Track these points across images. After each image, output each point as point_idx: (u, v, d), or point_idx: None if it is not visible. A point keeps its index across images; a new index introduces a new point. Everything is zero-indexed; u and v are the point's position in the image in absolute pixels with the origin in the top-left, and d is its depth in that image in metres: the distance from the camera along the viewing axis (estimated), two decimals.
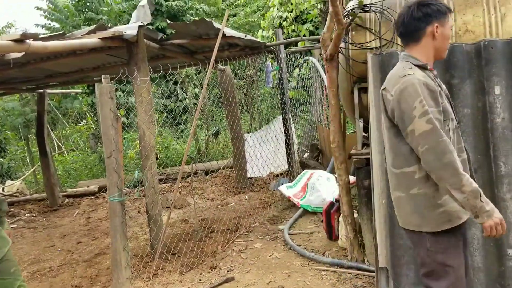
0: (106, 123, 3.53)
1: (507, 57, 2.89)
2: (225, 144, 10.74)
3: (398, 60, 3.03)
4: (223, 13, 10.67)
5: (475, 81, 2.93)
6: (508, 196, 2.75)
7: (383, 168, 2.98)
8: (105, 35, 4.12)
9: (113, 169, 3.52)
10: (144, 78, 4.32)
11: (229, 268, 4.14)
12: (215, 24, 4.64)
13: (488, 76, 2.89)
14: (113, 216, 3.56)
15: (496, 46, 2.89)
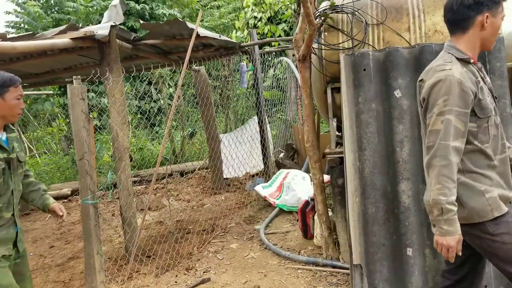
0: (78, 125, 3.47)
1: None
2: (200, 145, 10.69)
3: (369, 61, 3.11)
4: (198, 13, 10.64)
5: None
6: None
7: (356, 167, 3.03)
8: (76, 35, 4.06)
9: (85, 172, 3.46)
10: (117, 78, 4.27)
11: (205, 269, 4.13)
12: (189, 24, 4.62)
13: None
14: (86, 219, 3.50)
15: None
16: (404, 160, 2.93)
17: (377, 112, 3.05)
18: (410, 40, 3.48)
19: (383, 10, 3.60)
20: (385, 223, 2.95)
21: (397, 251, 2.91)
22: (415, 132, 2.98)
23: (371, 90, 3.07)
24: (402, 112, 2.99)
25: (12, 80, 2.43)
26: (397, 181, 2.94)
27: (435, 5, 3.53)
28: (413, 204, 2.91)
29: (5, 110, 2.45)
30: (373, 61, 3.10)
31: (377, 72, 3.10)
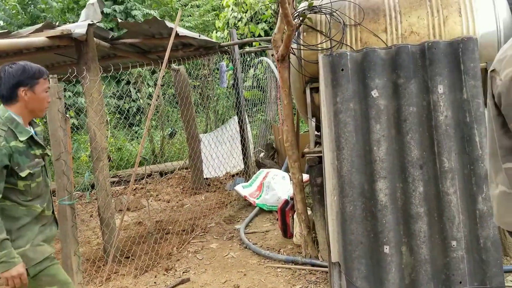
0: (54, 125, 3.42)
1: (449, 57, 3.03)
2: (180, 145, 10.63)
3: (347, 61, 3.14)
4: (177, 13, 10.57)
5: (420, 81, 3.05)
6: (452, 190, 2.88)
7: (335, 166, 3.06)
8: (53, 34, 3.99)
9: (62, 172, 3.41)
10: (94, 77, 4.22)
11: (184, 269, 4.11)
12: (168, 23, 4.60)
13: (432, 76, 3.01)
14: (63, 220, 3.45)
15: (439, 47, 3.03)
16: (381, 159, 2.98)
17: (354, 111, 3.09)
18: (387, 41, 3.53)
19: (360, 11, 3.65)
20: (363, 221, 2.99)
21: (375, 248, 2.95)
22: (391, 131, 3.03)
23: (349, 90, 3.10)
24: (379, 112, 3.03)
25: (40, 71, 2.29)
26: (374, 179, 2.98)
27: (411, 6, 3.59)
28: (390, 203, 2.95)
29: (35, 103, 2.29)
30: (351, 62, 3.14)
31: (355, 72, 3.14)
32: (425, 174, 2.94)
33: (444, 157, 2.92)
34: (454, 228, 2.85)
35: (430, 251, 2.88)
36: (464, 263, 2.81)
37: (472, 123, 2.92)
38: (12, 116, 2.22)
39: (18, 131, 2.22)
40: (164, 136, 10.38)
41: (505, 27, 3.41)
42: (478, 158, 2.89)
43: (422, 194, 2.92)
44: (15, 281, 2.10)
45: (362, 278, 2.93)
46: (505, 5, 3.49)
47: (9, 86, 2.22)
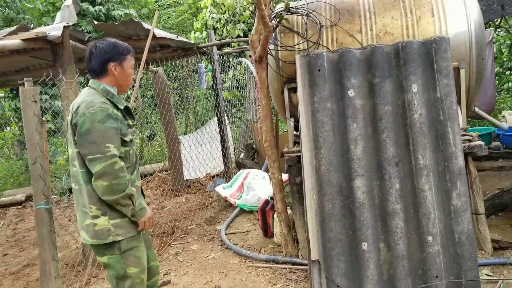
0: (30, 128, 3.38)
1: (423, 57, 3.08)
2: (160, 147, 10.57)
3: (324, 61, 3.18)
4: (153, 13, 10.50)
5: (394, 80, 3.09)
6: (427, 187, 2.92)
7: (313, 165, 3.09)
8: (27, 36, 3.93)
9: (38, 176, 3.37)
10: (71, 80, 4.17)
11: (165, 271, 4.10)
12: (145, 24, 4.58)
13: (406, 75, 3.05)
14: (40, 224, 3.42)
15: (412, 47, 3.08)
16: (358, 158, 3.01)
17: (332, 111, 3.12)
18: (362, 41, 3.59)
19: (336, 12, 3.70)
20: (341, 219, 3.02)
21: (353, 246, 2.98)
22: (368, 130, 3.07)
23: (326, 90, 3.13)
24: (356, 111, 3.07)
25: (128, 48, 2.45)
26: (351, 177, 3.01)
27: (385, 7, 3.66)
28: (367, 200, 2.98)
29: (123, 78, 2.42)
30: (328, 62, 3.17)
31: (331, 72, 3.17)
32: (401, 171, 2.99)
33: (419, 154, 2.96)
34: (430, 223, 2.89)
35: (407, 247, 2.92)
36: (440, 258, 2.86)
37: (445, 121, 2.96)
38: (107, 88, 2.37)
39: (116, 100, 2.36)
40: (143, 138, 10.31)
41: (476, 27, 3.50)
42: (451, 155, 2.93)
43: (398, 191, 2.96)
44: (150, 222, 2.41)
45: (342, 275, 2.97)
46: (475, 6, 3.58)
47: (100, 61, 2.36)
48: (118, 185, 2.21)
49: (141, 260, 2.42)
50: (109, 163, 2.19)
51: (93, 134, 2.19)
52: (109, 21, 11.25)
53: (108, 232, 2.28)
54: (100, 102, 2.26)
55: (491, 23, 6.91)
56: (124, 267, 2.34)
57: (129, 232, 2.35)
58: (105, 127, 2.20)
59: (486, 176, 5.87)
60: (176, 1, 15.06)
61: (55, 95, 9.95)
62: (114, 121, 2.25)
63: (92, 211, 2.28)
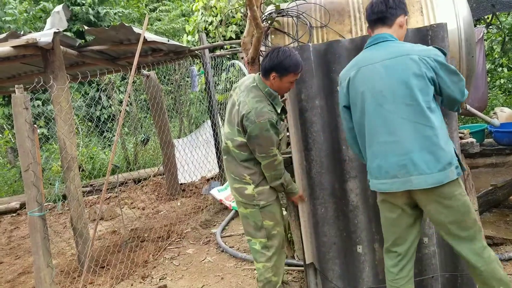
0: (22, 135, 3.35)
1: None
2: (154, 151, 10.53)
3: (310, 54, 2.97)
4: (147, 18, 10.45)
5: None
6: None
7: (303, 166, 3.02)
8: (18, 43, 3.91)
9: (31, 183, 3.35)
10: (62, 86, 4.15)
11: (161, 276, 4.08)
12: (136, 29, 4.57)
13: None
14: (34, 232, 3.39)
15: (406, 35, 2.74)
16: (351, 158, 2.92)
17: (321, 108, 2.98)
18: None
19: (326, 13, 3.70)
20: (335, 221, 2.98)
21: (348, 248, 2.96)
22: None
23: (314, 86, 2.97)
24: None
25: (295, 66, 2.72)
26: (344, 179, 2.94)
27: None
28: (362, 202, 2.93)
29: (276, 87, 2.81)
30: (314, 55, 2.97)
31: (319, 66, 2.97)
32: None
33: None
34: (425, 225, 2.82)
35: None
36: (436, 258, 2.84)
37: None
38: (271, 91, 2.82)
39: (275, 103, 2.83)
40: (137, 143, 10.28)
41: (465, 24, 3.52)
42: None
43: None
44: (302, 198, 3.00)
45: (337, 278, 2.97)
46: (464, 4, 3.60)
47: (270, 65, 2.75)
48: (277, 174, 2.86)
49: (276, 215, 2.95)
50: (270, 160, 2.80)
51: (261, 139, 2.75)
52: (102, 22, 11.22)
53: (253, 197, 2.89)
54: (267, 111, 2.73)
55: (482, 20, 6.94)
56: (261, 220, 2.92)
57: (270, 197, 2.93)
58: (270, 134, 2.73)
59: (480, 173, 5.90)
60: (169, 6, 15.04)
61: (48, 100, 9.90)
62: (275, 128, 2.76)
63: (244, 179, 2.90)
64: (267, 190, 2.92)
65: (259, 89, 2.82)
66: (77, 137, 9.10)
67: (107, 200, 7.64)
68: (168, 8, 14.93)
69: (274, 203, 2.96)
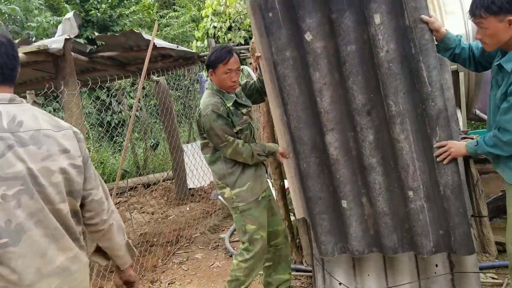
0: None
1: None
2: (163, 156, 10.59)
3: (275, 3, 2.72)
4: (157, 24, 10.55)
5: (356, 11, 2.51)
6: (402, 136, 2.53)
7: (284, 121, 2.85)
8: (29, 50, 3.98)
9: None
10: (73, 92, 4.21)
11: (170, 281, 4.10)
12: (145, 35, 4.62)
13: (367, 3, 2.46)
14: None
15: None
16: (326, 110, 2.66)
17: (293, 60, 2.70)
18: None
19: None
20: (320, 176, 2.81)
21: (335, 203, 2.82)
22: (334, 76, 2.64)
23: (283, 37, 2.68)
24: (317, 57, 2.62)
25: (219, 58, 2.88)
26: (323, 133, 2.72)
27: None
28: (342, 155, 2.71)
29: (217, 82, 2.96)
30: (280, 2, 2.66)
31: (286, 13, 2.67)
32: (375, 120, 2.60)
33: (390, 99, 2.51)
34: (409, 177, 2.56)
35: (388, 202, 2.67)
36: (425, 213, 2.57)
37: (417, 55, 2.41)
38: (218, 88, 2.96)
39: (225, 98, 2.94)
40: (147, 147, 10.33)
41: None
42: (427, 96, 2.43)
43: (373, 143, 2.61)
44: (284, 154, 2.94)
45: (326, 233, 2.84)
46: None
47: (206, 65, 3.02)
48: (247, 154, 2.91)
49: (259, 219, 3.01)
50: (233, 147, 2.87)
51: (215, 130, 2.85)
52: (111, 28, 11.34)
53: (232, 200, 3.00)
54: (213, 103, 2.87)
55: None
56: (244, 224, 3.01)
57: (248, 198, 2.99)
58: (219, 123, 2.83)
59: (490, 179, 5.83)
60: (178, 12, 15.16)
61: (58, 107, 10.03)
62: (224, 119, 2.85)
63: (219, 184, 3.05)
64: (244, 191, 2.99)
65: (210, 89, 3.00)
66: (88, 142, 9.18)
67: (117, 205, 7.68)
68: (177, 15, 15.05)
69: (255, 206, 3.02)
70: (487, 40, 2.23)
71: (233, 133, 2.91)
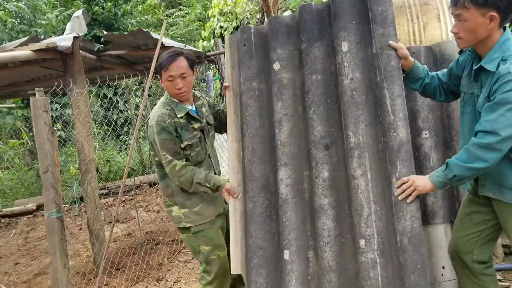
0: (41, 137, 3.42)
1: (358, 6, 2.35)
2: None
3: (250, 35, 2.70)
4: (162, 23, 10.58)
5: (327, 42, 2.43)
6: (359, 172, 2.23)
7: (240, 157, 2.59)
8: (38, 47, 4.00)
9: (50, 185, 3.40)
10: (81, 90, 4.23)
11: (175, 279, 4.11)
12: (153, 34, 4.63)
13: (336, 33, 2.37)
14: (51, 233, 3.44)
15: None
16: (283, 143, 2.43)
17: (259, 91, 2.58)
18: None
19: None
20: (266, 221, 2.44)
21: (278, 254, 2.39)
22: (298, 108, 2.48)
23: (252, 67, 2.60)
24: (282, 87, 2.49)
25: (161, 65, 2.65)
26: (276, 168, 2.45)
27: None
28: (292, 195, 2.37)
29: (166, 88, 2.72)
30: (256, 36, 2.63)
31: (260, 46, 2.62)
32: (332, 156, 2.34)
33: (349, 130, 2.28)
34: (362, 222, 2.18)
35: (336, 255, 2.24)
36: (377, 270, 2.12)
37: (382, 82, 2.23)
38: (170, 97, 2.74)
39: (177, 109, 2.71)
40: None
41: None
42: (389, 126, 2.19)
43: (327, 180, 2.30)
44: (231, 192, 2.54)
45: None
46: None
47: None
48: (185, 180, 2.64)
49: (214, 240, 2.79)
50: (169, 168, 2.64)
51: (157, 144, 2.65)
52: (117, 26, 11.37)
53: (180, 219, 2.78)
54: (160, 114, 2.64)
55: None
56: (198, 244, 2.79)
57: (198, 220, 2.76)
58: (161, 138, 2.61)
59: None
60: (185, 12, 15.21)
61: (66, 104, 10.07)
62: (168, 133, 2.61)
63: (167, 202, 2.84)
64: (194, 213, 2.76)
65: (164, 97, 2.79)
66: (94, 140, 9.22)
67: (123, 203, 7.72)
68: (183, 14, 15.09)
69: (208, 228, 2.79)
70: (464, 34, 2.05)
71: (177, 150, 2.66)
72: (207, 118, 2.89)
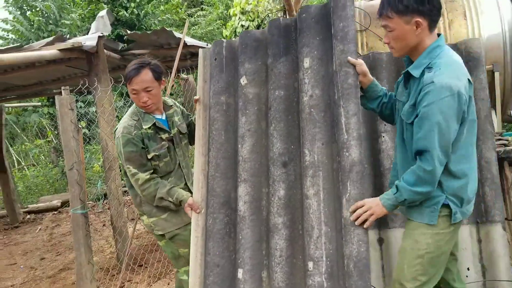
0: (67, 135, 3.49)
1: (322, 22, 2.30)
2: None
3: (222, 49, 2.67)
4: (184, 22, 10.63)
5: (292, 58, 2.40)
6: (312, 191, 2.16)
7: (205, 172, 2.52)
8: (63, 47, 4.09)
9: (75, 181, 3.48)
10: (105, 88, 4.30)
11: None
12: (176, 33, 4.68)
13: (300, 48, 2.34)
14: (76, 229, 3.52)
15: (308, 12, 2.33)
16: (244, 159, 2.38)
17: (227, 105, 2.54)
18: None
19: (366, 17, 3.68)
20: (224, 238, 2.38)
21: (234, 273, 2.31)
22: (261, 124, 2.43)
23: (221, 81, 2.56)
24: (247, 102, 2.44)
25: (126, 77, 2.59)
26: (237, 184, 2.40)
27: None
28: (250, 212, 2.31)
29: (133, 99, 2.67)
30: (227, 49, 2.60)
31: (231, 60, 2.59)
32: (290, 174, 2.28)
33: (305, 147, 2.22)
34: (311, 243, 2.10)
35: (286, 277, 2.16)
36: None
37: (339, 100, 2.14)
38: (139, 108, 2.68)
39: (145, 120, 2.67)
40: None
41: (510, 29, 3.43)
42: (343, 146, 2.09)
43: (283, 199, 2.25)
44: (194, 207, 2.46)
45: None
46: (509, 7, 3.51)
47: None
48: (147, 194, 2.64)
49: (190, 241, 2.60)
50: (133, 181, 2.64)
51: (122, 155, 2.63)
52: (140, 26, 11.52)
53: (151, 227, 2.76)
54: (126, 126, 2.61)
55: None
56: (176, 249, 2.77)
57: (168, 228, 2.72)
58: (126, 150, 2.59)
59: None
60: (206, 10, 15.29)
61: (90, 103, 10.24)
62: (133, 145, 2.58)
63: (137, 211, 2.83)
64: (163, 220, 2.73)
65: (133, 107, 2.73)
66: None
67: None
68: (205, 13, 15.17)
69: (182, 231, 2.75)
70: (395, 44, 2.01)
71: (142, 161, 2.62)
72: (179, 127, 2.82)
